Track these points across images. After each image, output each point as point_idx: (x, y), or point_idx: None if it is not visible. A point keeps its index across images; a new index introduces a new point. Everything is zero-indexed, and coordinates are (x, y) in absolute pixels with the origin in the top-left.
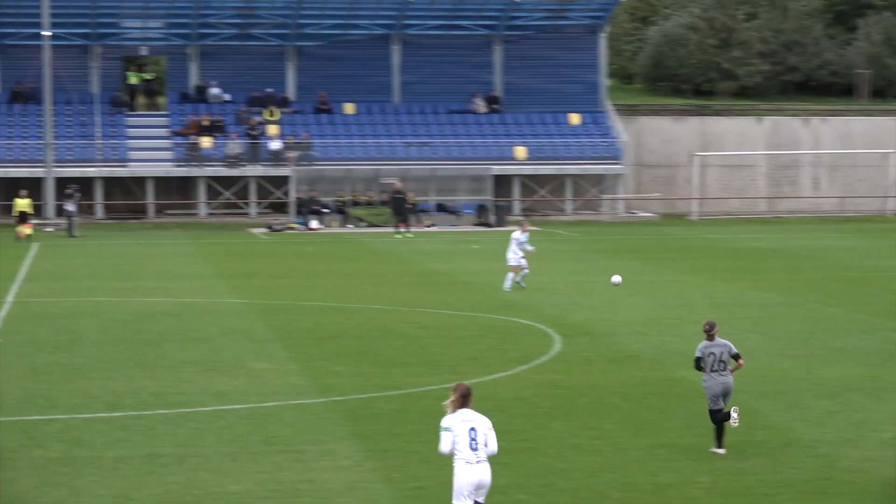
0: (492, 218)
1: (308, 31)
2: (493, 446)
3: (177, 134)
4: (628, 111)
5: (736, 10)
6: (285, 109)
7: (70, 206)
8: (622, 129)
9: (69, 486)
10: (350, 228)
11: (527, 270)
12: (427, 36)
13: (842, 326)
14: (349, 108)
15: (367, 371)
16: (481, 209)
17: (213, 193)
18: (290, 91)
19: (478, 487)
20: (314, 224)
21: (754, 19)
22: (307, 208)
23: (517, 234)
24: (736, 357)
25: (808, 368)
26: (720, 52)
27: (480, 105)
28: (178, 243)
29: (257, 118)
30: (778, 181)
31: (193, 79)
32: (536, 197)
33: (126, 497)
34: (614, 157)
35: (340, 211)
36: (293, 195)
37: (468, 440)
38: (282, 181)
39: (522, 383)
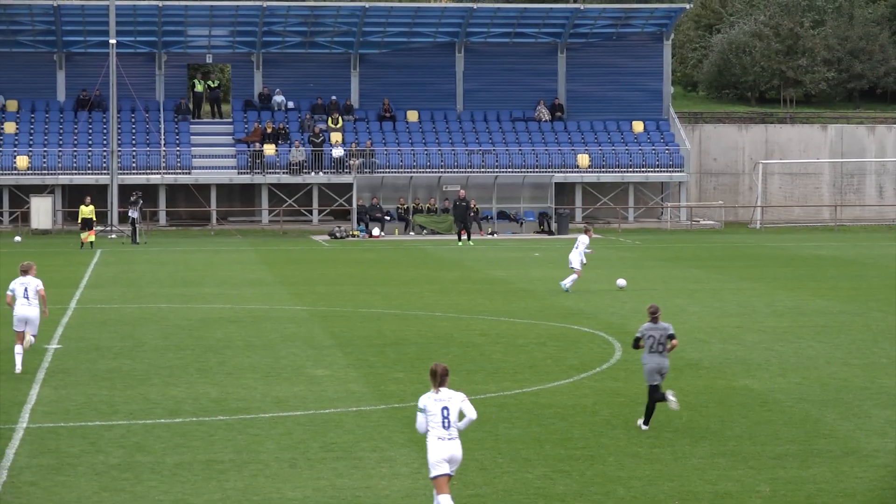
0: (553, 225)
1: (372, 38)
2: (472, 414)
3: (240, 141)
4: (692, 119)
5: (802, 18)
6: (348, 117)
7: (133, 213)
8: (685, 136)
9: (129, 491)
10: (412, 236)
11: (576, 277)
12: (491, 43)
13: None
14: (412, 115)
15: (426, 378)
16: (543, 217)
17: (275, 200)
18: (354, 99)
19: (450, 461)
20: (376, 231)
21: (820, 27)
22: (369, 216)
23: (583, 238)
24: (671, 337)
25: (871, 377)
26: (785, 60)
27: (544, 113)
28: (240, 250)
29: (321, 126)
30: (842, 189)
31: (258, 86)
32: (598, 205)
33: (185, 502)
34: (677, 164)
35: (402, 218)
36: (355, 202)
37: (441, 419)
38: (344, 188)
39: (582, 391)
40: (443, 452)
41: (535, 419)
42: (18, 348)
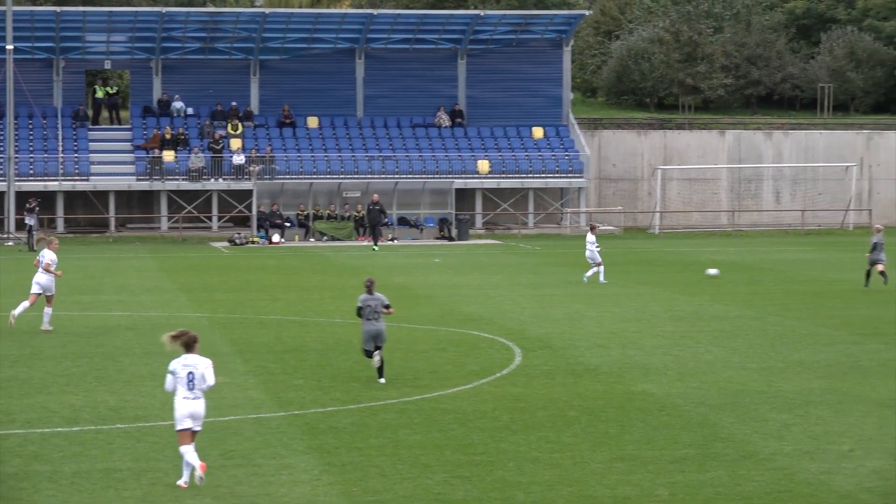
0: (454, 231)
1: (272, 44)
2: (211, 381)
3: (139, 148)
4: (591, 125)
5: (701, 24)
6: (248, 123)
7: (30, 220)
8: (585, 142)
9: (26, 500)
10: (312, 242)
11: (596, 269)
12: (391, 50)
13: (801, 339)
14: (312, 121)
15: (326, 385)
16: (443, 223)
17: (174, 207)
18: (254, 105)
19: (192, 416)
20: (276, 238)
21: (719, 33)
22: (269, 222)
23: (590, 237)
24: (387, 307)
25: (768, 381)
26: (684, 66)
27: (444, 119)
28: (139, 257)
29: (220, 132)
30: (739, 194)
31: (157, 92)
32: (499, 210)
33: None
34: (576, 170)
35: (302, 225)
36: (255, 209)
37: (186, 381)
38: (244, 195)
39: (482, 397)
40: (186, 409)
41: (435, 425)
42: None
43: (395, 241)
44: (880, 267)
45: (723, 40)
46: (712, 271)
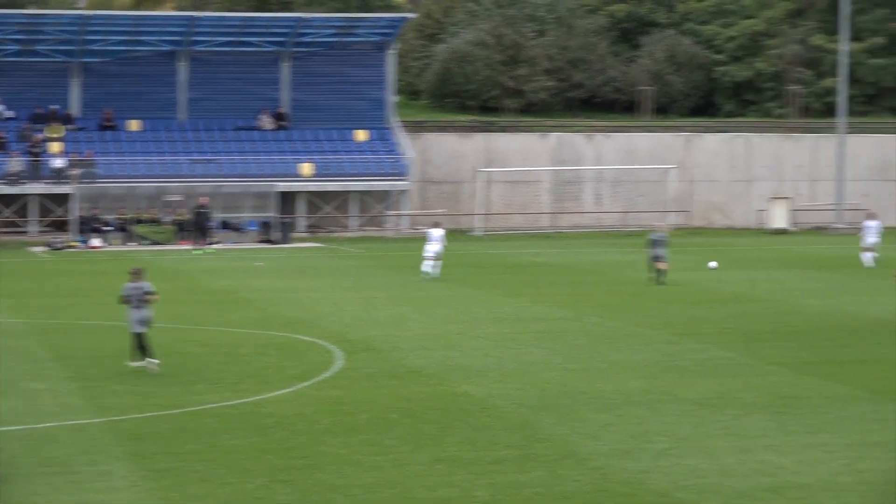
0: (276, 235)
1: (94, 47)
2: None
3: None
4: (415, 128)
5: (524, 28)
6: (69, 126)
7: None
8: (408, 145)
9: None
10: (133, 246)
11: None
12: (215, 52)
13: (621, 340)
14: (134, 125)
15: (146, 390)
16: (266, 226)
17: None
18: (75, 108)
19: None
20: (95, 242)
21: (541, 37)
22: (89, 226)
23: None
24: (150, 294)
25: (588, 382)
26: (507, 69)
27: (267, 122)
28: None
29: (40, 135)
30: (561, 196)
31: None
32: (322, 213)
33: None
34: (400, 173)
35: (123, 229)
36: (75, 213)
37: None
38: (64, 199)
39: (303, 400)
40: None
41: (256, 429)
42: None
43: (218, 245)
44: (661, 264)
45: (545, 43)
46: (713, 264)
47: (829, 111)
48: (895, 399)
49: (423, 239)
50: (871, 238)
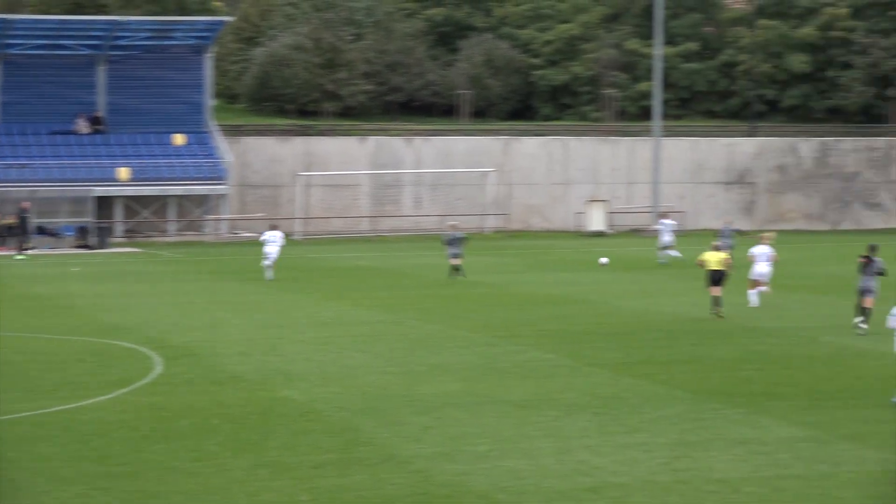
0: (93, 240)
1: None
2: None
3: None
4: (233, 131)
5: (342, 31)
6: None
7: None
8: (227, 149)
9: None
10: None
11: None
12: (29, 56)
13: (440, 343)
14: None
15: None
16: (83, 231)
17: None
18: None
19: None
20: None
21: (360, 40)
22: None
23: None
24: None
25: (408, 385)
26: (325, 73)
27: (83, 126)
28: None
29: None
30: (381, 200)
31: None
32: (140, 218)
33: None
34: (218, 177)
35: None
36: None
37: None
38: None
39: (122, 406)
40: None
41: (74, 437)
42: None
43: (34, 251)
44: (456, 262)
45: (363, 47)
46: (603, 260)
47: (645, 115)
48: (712, 398)
49: (244, 244)
50: (665, 237)
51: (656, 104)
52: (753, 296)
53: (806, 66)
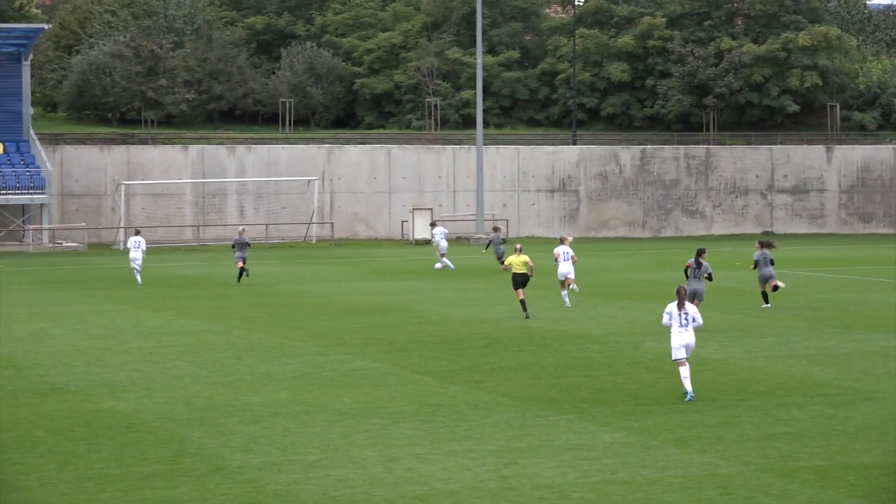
0: None
1: None
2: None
3: None
4: (53, 140)
5: (162, 39)
6: None
7: None
8: (46, 158)
9: None
10: None
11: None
12: None
13: (268, 352)
14: None
15: None
16: None
17: None
18: None
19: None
20: None
21: (180, 48)
22: None
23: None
24: None
25: (235, 394)
26: (146, 81)
27: None
28: None
29: None
30: (204, 209)
31: None
32: None
33: None
34: (38, 186)
35: None
36: None
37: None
38: None
39: None
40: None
41: None
42: None
43: None
44: (242, 263)
45: (184, 55)
46: (439, 266)
47: (467, 123)
48: (538, 405)
49: (66, 254)
50: (441, 243)
51: (478, 112)
52: (565, 296)
53: (625, 75)
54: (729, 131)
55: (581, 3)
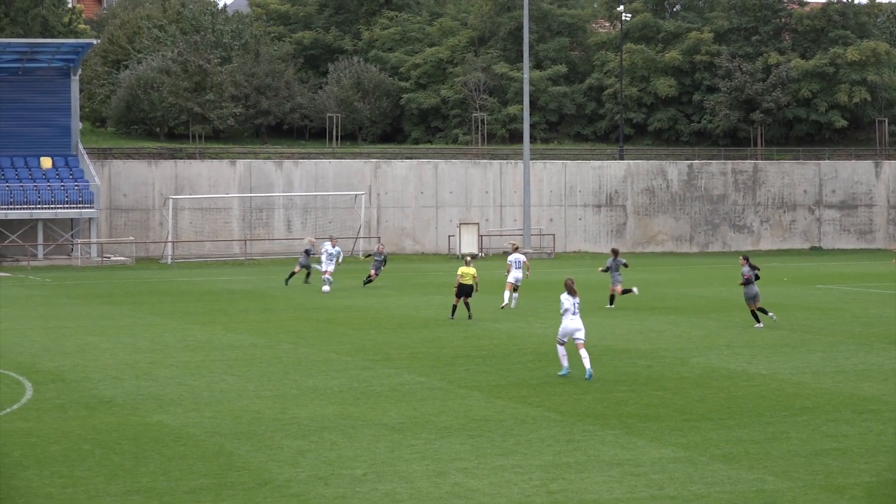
0: None
1: None
2: None
3: None
4: (101, 155)
5: (210, 54)
6: None
7: None
8: (95, 172)
9: None
10: None
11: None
12: None
13: (314, 366)
14: None
15: None
16: None
17: None
18: None
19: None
20: None
21: (227, 63)
22: None
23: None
24: None
25: (282, 409)
26: (194, 96)
27: None
28: None
29: None
30: (251, 223)
31: None
32: (7, 242)
33: None
34: (87, 200)
35: None
36: None
37: None
38: None
39: None
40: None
41: None
42: None
43: None
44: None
45: (231, 70)
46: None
47: (514, 137)
48: (585, 420)
49: (113, 268)
50: (326, 265)
51: (525, 127)
52: (506, 295)
53: (672, 90)
54: (776, 146)
55: (628, 18)
